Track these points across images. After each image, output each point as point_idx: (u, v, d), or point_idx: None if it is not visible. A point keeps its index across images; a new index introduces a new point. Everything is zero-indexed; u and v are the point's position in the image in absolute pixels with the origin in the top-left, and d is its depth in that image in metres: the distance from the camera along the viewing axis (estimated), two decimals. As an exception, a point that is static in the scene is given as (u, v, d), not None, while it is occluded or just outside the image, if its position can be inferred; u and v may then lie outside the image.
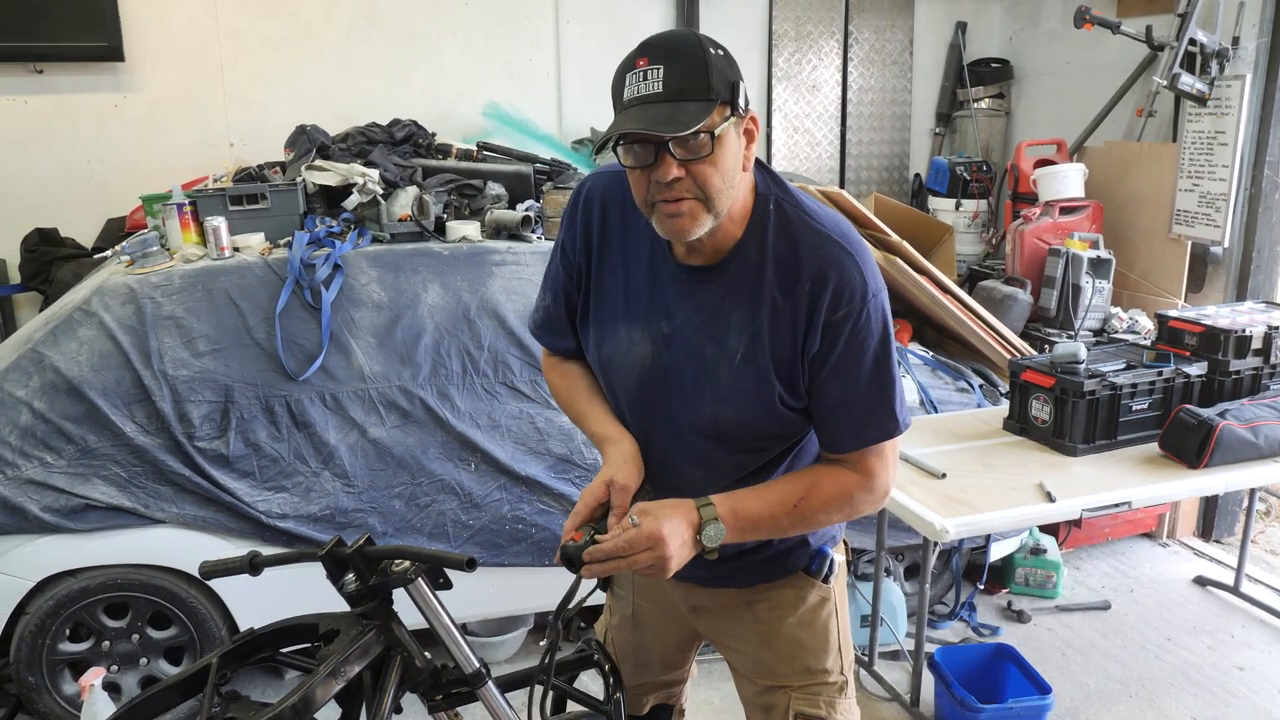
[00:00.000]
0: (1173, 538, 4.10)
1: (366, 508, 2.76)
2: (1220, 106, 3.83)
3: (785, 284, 1.32)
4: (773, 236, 1.34)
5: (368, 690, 1.43)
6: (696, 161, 1.23)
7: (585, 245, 1.48)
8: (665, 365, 1.41)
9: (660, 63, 1.21)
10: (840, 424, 1.38)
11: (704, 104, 1.20)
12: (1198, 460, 2.65)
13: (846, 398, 1.34)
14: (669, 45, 1.23)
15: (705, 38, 1.25)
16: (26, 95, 3.83)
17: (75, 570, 2.63)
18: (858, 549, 3.19)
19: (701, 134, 1.21)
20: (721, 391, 1.38)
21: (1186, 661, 3.20)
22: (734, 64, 1.25)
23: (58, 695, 2.72)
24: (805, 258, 1.31)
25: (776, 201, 1.35)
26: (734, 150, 1.26)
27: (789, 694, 1.59)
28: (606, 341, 1.48)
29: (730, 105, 1.23)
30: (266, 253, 2.81)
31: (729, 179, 1.26)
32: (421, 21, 4.29)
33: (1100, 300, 3.98)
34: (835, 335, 1.31)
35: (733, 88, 1.23)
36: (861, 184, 5.18)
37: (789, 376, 1.35)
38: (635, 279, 1.43)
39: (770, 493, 1.39)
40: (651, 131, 1.20)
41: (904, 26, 5.12)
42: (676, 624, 1.71)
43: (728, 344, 1.36)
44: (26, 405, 2.57)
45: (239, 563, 1.53)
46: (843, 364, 1.32)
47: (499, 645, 3.12)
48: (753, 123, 1.28)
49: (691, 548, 1.32)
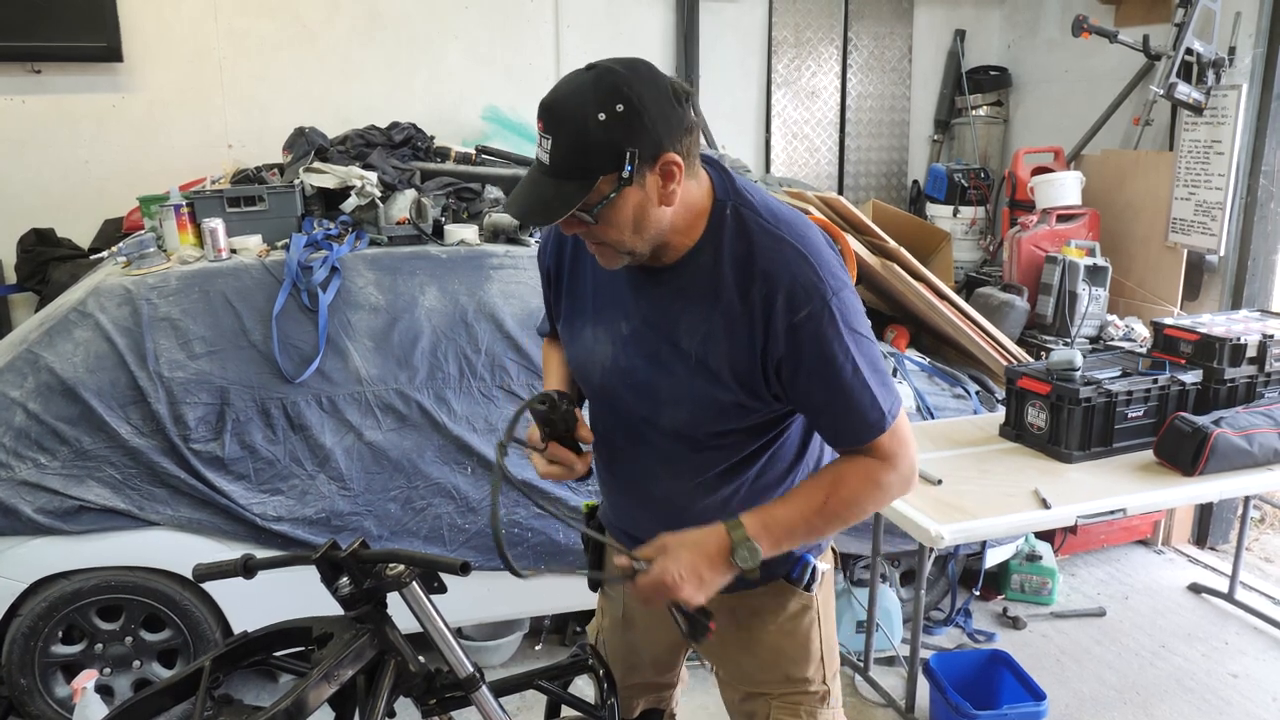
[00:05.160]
0: (1168, 545, 4.10)
1: (362, 511, 2.76)
2: (1217, 116, 3.84)
3: (741, 287, 1.33)
4: (729, 241, 1.35)
5: (361, 694, 1.43)
6: (592, 225, 1.27)
7: (557, 250, 1.53)
8: (623, 366, 1.44)
9: (550, 132, 1.23)
10: (834, 423, 1.38)
11: (582, 184, 1.22)
12: (1193, 468, 2.65)
13: (831, 397, 1.34)
14: (557, 113, 1.23)
15: (602, 95, 1.20)
16: (25, 95, 3.83)
17: (69, 572, 2.62)
18: (854, 555, 3.19)
19: (578, 211, 1.23)
20: (675, 391, 1.40)
21: (1181, 669, 3.21)
22: (631, 123, 1.20)
23: (49, 698, 2.71)
24: (759, 261, 1.32)
25: (734, 208, 1.36)
26: (632, 205, 1.25)
27: (769, 702, 1.59)
28: (575, 341, 1.52)
29: (618, 174, 1.22)
30: (264, 255, 2.81)
31: (630, 229, 1.28)
32: (422, 24, 4.29)
33: (1096, 308, 3.99)
34: (801, 338, 1.31)
35: (620, 157, 1.21)
36: (860, 190, 5.19)
37: (747, 379, 1.36)
38: (601, 281, 1.47)
39: (797, 497, 1.40)
40: (527, 222, 1.26)
41: (903, 34, 5.13)
42: (666, 626, 1.70)
43: (680, 345, 1.38)
44: (21, 406, 2.56)
45: (232, 565, 1.52)
46: (817, 365, 1.32)
47: (494, 649, 3.12)
48: (672, 164, 1.25)
49: (720, 572, 1.34)
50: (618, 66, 1.24)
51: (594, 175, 1.22)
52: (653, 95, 1.23)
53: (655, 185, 1.26)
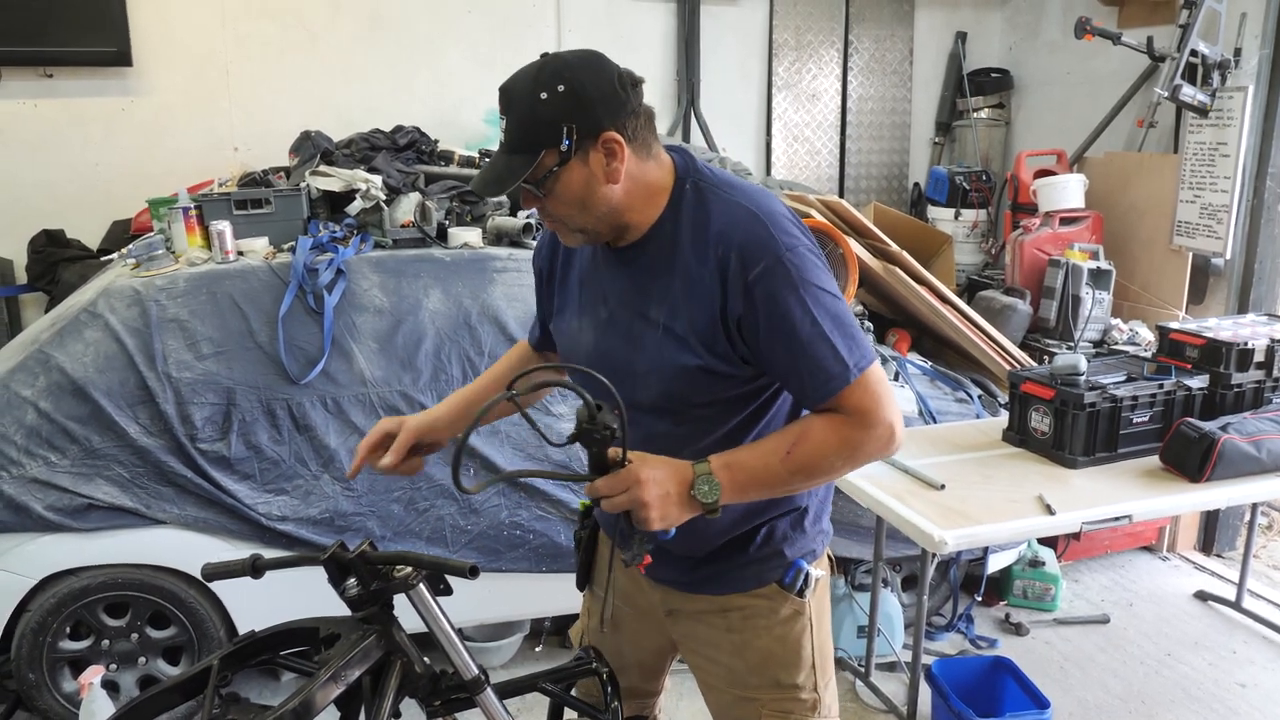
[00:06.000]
0: (1173, 551, 4.09)
1: (366, 511, 2.77)
2: (1222, 118, 3.84)
3: (699, 252, 1.38)
4: (687, 211, 1.41)
5: (367, 695, 1.43)
6: (543, 197, 1.37)
7: (551, 249, 1.62)
8: (604, 349, 1.49)
9: (505, 113, 1.36)
10: (799, 380, 1.38)
11: (527, 156, 1.33)
12: (1199, 474, 2.63)
13: (794, 353, 1.35)
14: (509, 95, 1.35)
15: (544, 77, 1.32)
16: (36, 99, 3.86)
17: (77, 569, 2.64)
18: (855, 559, 3.19)
19: (526, 182, 1.34)
20: (648, 363, 1.43)
21: (1187, 677, 3.19)
22: (570, 101, 1.31)
23: (57, 693, 2.73)
24: (715, 224, 1.38)
25: (694, 183, 1.43)
26: (577, 180, 1.35)
27: (759, 708, 1.59)
28: (564, 334, 1.59)
29: (559, 148, 1.32)
30: (270, 257, 2.83)
31: (577, 206, 1.37)
32: (424, 27, 4.31)
33: (1100, 311, 3.98)
34: (756, 297, 1.34)
35: (559, 131, 1.31)
36: (861, 193, 5.19)
37: (709, 340, 1.38)
38: (584, 273, 1.54)
39: (763, 444, 1.40)
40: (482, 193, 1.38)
41: (904, 36, 5.14)
42: (653, 628, 1.71)
43: (649, 316, 1.43)
44: (32, 405, 2.59)
45: (241, 565, 1.53)
46: (776, 322, 1.34)
47: (495, 651, 3.13)
48: (613, 142, 1.34)
49: (682, 504, 1.33)
50: (565, 55, 1.36)
51: (538, 149, 1.32)
52: (594, 79, 1.33)
53: (599, 163, 1.35)
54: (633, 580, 1.67)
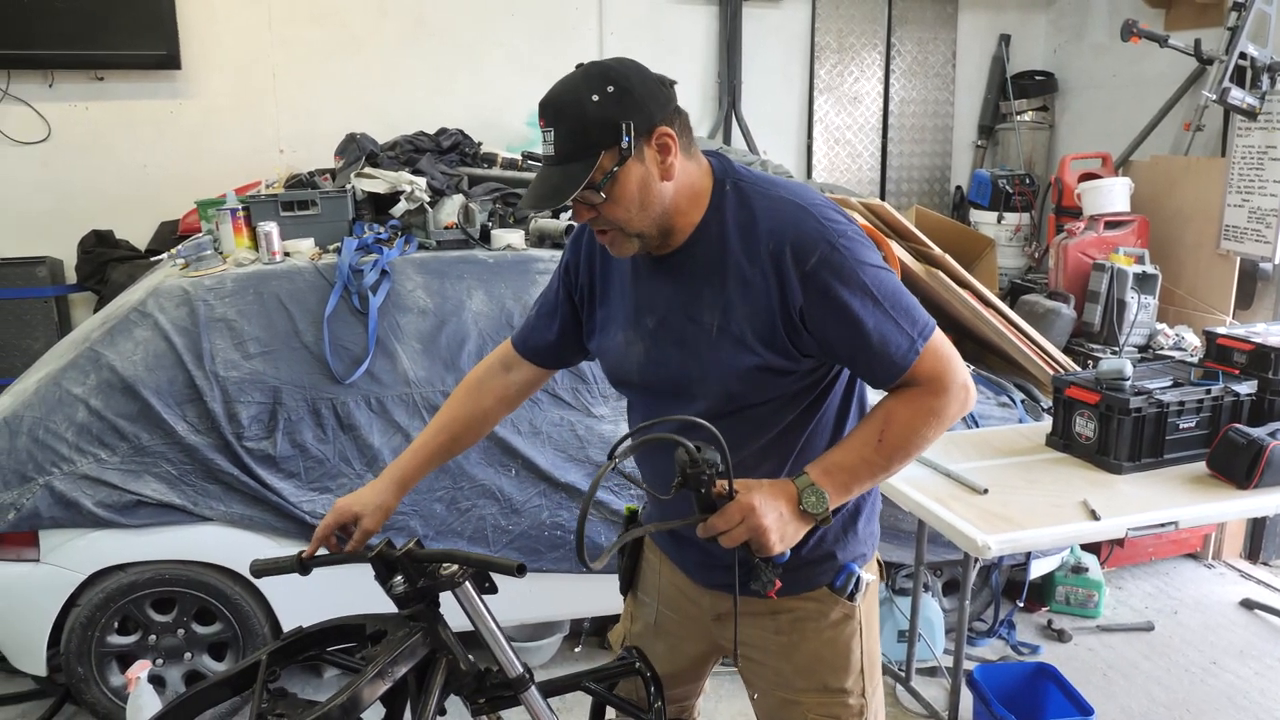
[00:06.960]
0: (1218, 559, 4.01)
1: (408, 510, 2.80)
2: (1271, 121, 3.76)
3: (750, 251, 1.38)
4: (731, 211, 1.41)
5: (412, 691, 1.45)
6: (600, 204, 1.35)
7: (589, 264, 1.58)
8: (656, 358, 1.48)
9: (551, 125, 1.34)
10: (869, 361, 1.39)
11: (586, 162, 1.31)
12: (1247, 480, 2.59)
13: (862, 337, 1.36)
14: (555, 106, 1.34)
15: (593, 81, 1.31)
16: (88, 101, 3.95)
17: (125, 564, 2.69)
18: (897, 563, 3.17)
19: (586, 189, 1.32)
20: (705, 367, 1.43)
21: (1233, 686, 3.14)
22: (623, 99, 1.31)
23: (105, 686, 2.79)
24: (762, 222, 1.38)
25: (733, 183, 1.43)
26: (635, 179, 1.34)
27: (805, 711, 1.58)
28: (611, 349, 1.56)
29: (618, 146, 1.31)
30: (316, 258, 2.87)
31: (636, 206, 1.36)
32: (468, 32, 4.36)
33: (1146, 316, 3.92)
34: (818, 285, 1.34)
35: (617, 129, 1.30)
36: (902, 196, 5.15)
37: (769, 337, 1.38)
38: (626, 285, 1.52)
39: (852, 439, 1.42)
40: (539, 209, 1.34)
41: (947, 39, 5.10)
42: (698, 635, 1.70)
43: (703, 320, 1.42)
44: (83, 402, 2.64)
45: (289, 562, 1.56)
46: (839, 308, 1.35)
47: (534, 650, 3.14)
48: (665, 136, 1.34)
49: (796, 520, 1.36)
50: (604, 61, 1.36)
51: (596, 151, 1.31)
52: (639, 76, 1.34)
53: (654, 159, 1.35)
54: (678, 587, 1.68)
